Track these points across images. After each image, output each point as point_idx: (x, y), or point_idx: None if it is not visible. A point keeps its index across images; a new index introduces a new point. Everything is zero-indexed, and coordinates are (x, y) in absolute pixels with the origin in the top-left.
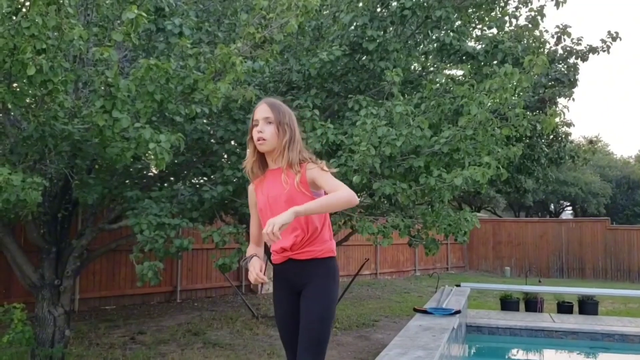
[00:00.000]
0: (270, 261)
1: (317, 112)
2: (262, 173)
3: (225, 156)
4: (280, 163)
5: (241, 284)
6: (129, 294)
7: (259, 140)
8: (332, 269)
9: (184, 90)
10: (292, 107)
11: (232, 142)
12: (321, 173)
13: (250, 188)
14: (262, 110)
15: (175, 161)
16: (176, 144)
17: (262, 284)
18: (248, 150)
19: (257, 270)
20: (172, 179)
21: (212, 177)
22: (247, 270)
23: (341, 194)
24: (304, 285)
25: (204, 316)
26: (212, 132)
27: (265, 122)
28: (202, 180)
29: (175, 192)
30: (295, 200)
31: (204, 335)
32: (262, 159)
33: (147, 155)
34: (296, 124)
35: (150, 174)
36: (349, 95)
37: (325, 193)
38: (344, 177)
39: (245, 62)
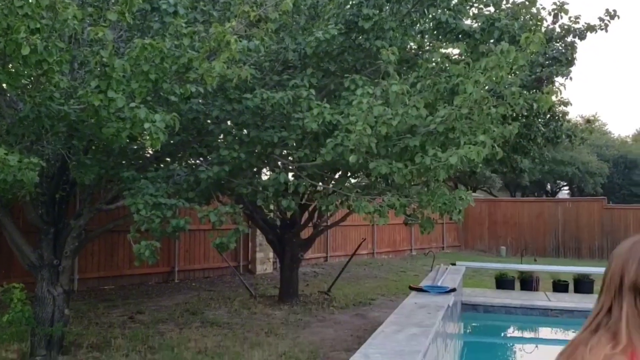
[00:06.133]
0: None
1: (313, 91)
2: None
3: (221, 136)
4: None
5: (239, 264)
6: (128, 274)
7: None
8: None
9: (179, 69)
10: (289, 86)
11: (228, 122)
12: None
13: None
14: None
15: (171, 141)
16: (171, 123)
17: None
18: None
19: None
20: (168, 159)
21: (208, 157)
22: None
23: None
24: None
25: (202, 296)
26: (207, 112)
27: None
28: (198, 161)
29: (171, 173)
30: None
31: (202, 314)
32: None
33: (142, 135)
34: None
35: (146, 154)
36: (345, 75)
37: None
38: (340, 157)
39: (240, 41)
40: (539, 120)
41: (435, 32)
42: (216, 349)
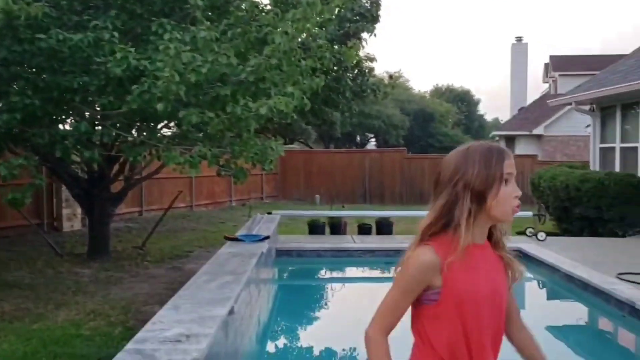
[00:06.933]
0: None
1: (117, 34)
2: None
3: (13, 81)
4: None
5: (43, 221)
6: None
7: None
8: None
9: None
10: (90, 28)
11: (25, 66)
12: None
13: (432, 259)
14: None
15: None
16: None
17: None
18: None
19: None
20: None
21: None
22: None
23: None
24: None
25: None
26: None
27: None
28: None
29: None
30: None
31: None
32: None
33: None
34: None
35: None
36: (153, 19)
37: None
38: (148, 105)
39: None
40: (348, 74)
41: None
42: (16, 312)
